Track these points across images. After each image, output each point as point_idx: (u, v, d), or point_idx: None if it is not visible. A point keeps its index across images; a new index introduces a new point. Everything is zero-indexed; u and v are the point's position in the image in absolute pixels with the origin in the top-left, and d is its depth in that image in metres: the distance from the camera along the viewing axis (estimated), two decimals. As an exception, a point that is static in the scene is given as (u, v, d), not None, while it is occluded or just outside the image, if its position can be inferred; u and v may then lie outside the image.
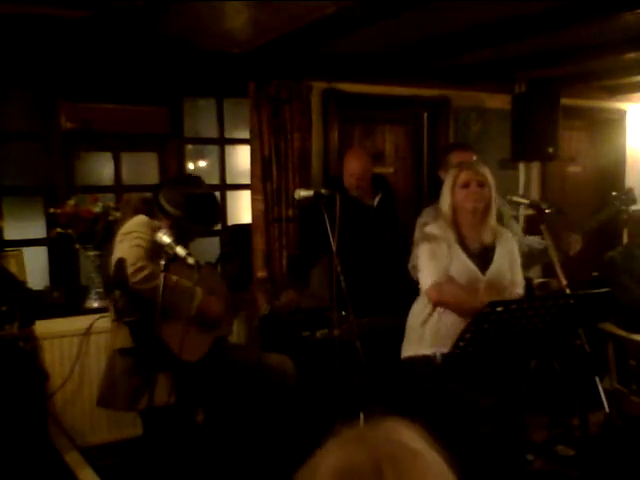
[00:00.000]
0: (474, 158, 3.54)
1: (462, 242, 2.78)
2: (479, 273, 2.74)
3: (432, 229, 2.82)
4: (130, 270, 2.56)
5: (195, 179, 3.06)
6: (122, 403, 2.78)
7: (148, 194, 3.18)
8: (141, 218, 2.79)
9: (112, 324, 2.87)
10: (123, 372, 2.75)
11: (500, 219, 3.55)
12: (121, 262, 2.59)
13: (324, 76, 4.30)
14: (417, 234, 3.22)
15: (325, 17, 3.02)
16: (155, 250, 2.62)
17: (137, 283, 2.56)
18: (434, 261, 2.73)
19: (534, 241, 3.42)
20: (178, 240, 2.45)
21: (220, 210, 3.02)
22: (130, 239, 2.66)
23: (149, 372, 2.49)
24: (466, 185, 2.75)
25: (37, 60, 3.49)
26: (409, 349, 2.88)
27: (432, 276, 2.72)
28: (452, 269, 2.71)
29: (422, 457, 0.78)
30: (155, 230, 2.63)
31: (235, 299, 3.12)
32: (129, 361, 2.75)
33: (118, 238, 2.73)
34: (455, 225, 2.78)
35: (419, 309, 2.89)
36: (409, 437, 0.80)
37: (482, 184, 2.74)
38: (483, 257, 2.78)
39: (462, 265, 2.73)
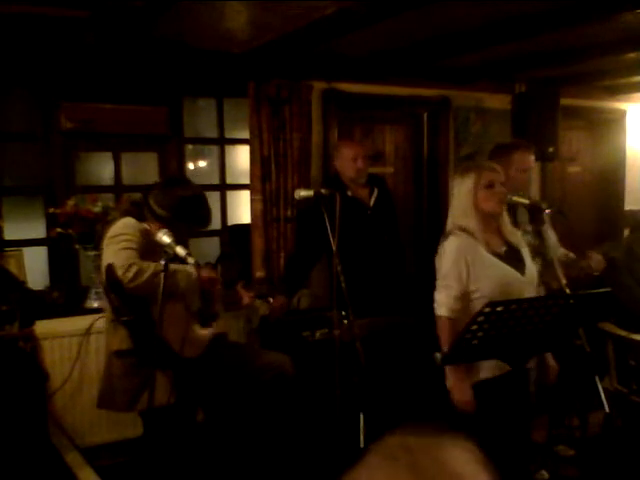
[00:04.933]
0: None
1: (487, 247, 2.63)
2: (519, 275, 2.63)
3: (451, 243, 2.62)
4: (120, 272, 2.53)
5: (183, 181, 3.05)
6: (121, 404, 2.77)
7: (137, 196, 3.17)
8: (128, 220, 2.76)
9: (109, 325, 2.85)
10: (121, 374, 2.74)
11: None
12: (110, 268, 2.57)
13: (324, 76, 4.30)
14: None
15: (325, 17, 3.02)
16: (148, 250, 2.62)
17: (130, 282, 2.53)
18: (449, 288, 2.57)
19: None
20: (176, 240, 2.45)
21: (210, 210, 3.00)
22: (116, 242, 2.63)
23: (148, 371, 2.48)
24: (490, 185, 2.63)
25: (37, 60, 3.49)
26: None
27: (444, 307, 2.59)
28: (481, 276, 2.56)
29: None
30: (144, 232, 2.64)
31: (225, 299, 3.12)
32: (126, 363, 2.74)
33: (105, 242, 2.69)
34: (476, 229, 2.62)
35: None
36: (458, 461, 0.77)
37: (502, 184, 2.67)
38: (514, 258, 2.68)
39: (497, 270, 2.60)
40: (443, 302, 2.59)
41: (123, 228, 2.71)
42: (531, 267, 2.72)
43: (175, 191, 2.86)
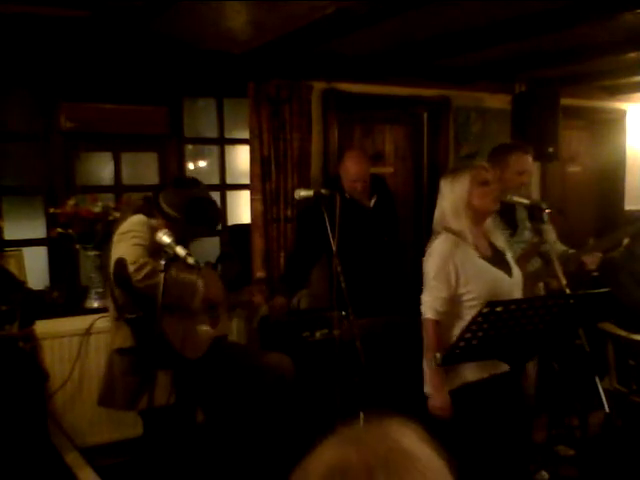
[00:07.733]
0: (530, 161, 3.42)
1: (475, 249, 2.60)
2: (507, 276, 2.62)
3: (441, 244, 2.59)
4: (131, 269, 2.54)
5: (195, 182, 3.06)
6: (122, 403, 2.78)
7: (149, 193, 3.18)
8: (139, 217, 2.78)
9: (112, 323, 2.87)
10: (122, 372, 2.76)
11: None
12: (121, 262, 2.58)
13: (324, 76, 4.30)
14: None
15: (325, 17, 3.02)
16: (155, 249, 2.62)
17: (140, 281, 2.54)
18: (436, 290, 2.55)
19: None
20: (178, 240, 2.45)
21: (220, 214, 3.03)
22: (128, 238, 2.65)
23: (149, 370, 2.49)
24: (485, 183, 2.60)
25: (37, 60, 3.49)
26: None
27: (430, 309, 2.57)
28: (472, 278, 2.54)
29: (418, 461, 0.74)
30: (154, 229, 2.63)
31: (230, 299, 3.12)
32: (128, 361, 2.75)
33: (116, 238, 2.72)
34: (467, 230, 2.59)
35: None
36: (408, 439, 0.77)
37: (494, 182, 2.65)
38: (500, 260, 2.67)
39: (487, 272, 2.58)
40: (429, 304, 2.56)
41: (134, 225, 2.73)
42: (516, 268, 2.71)
43: (186, 192, 2.87)
